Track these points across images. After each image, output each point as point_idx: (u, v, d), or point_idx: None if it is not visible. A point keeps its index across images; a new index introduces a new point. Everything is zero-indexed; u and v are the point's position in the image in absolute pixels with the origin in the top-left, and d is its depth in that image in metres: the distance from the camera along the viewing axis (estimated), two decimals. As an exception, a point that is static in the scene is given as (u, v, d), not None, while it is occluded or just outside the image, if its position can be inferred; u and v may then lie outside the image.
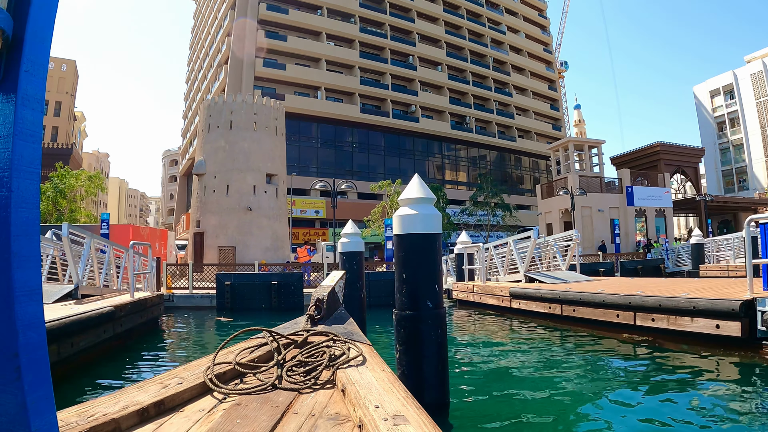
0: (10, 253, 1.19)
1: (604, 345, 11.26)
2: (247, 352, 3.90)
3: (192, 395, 3.06)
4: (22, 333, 1.21)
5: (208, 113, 34.05)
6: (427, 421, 2.37)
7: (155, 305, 14.58)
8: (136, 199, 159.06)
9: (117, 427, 2.43)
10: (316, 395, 3.08)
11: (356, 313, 10.50)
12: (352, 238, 11.04)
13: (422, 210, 5.74)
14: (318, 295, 5.03)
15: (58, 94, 74.24)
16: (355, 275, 10.79)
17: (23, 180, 1.23)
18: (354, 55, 64.45)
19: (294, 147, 56.39)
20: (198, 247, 32.51)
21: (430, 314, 5.65)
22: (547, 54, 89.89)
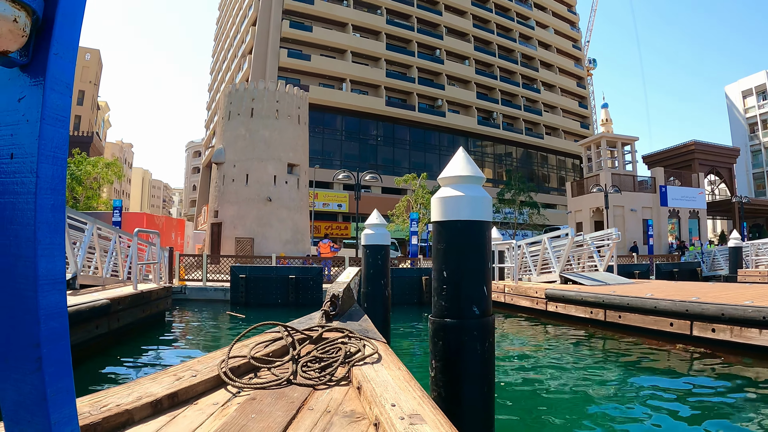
0: (35, 240, 1.15)
1: (656, 357, 10.03)
2: (261, 347, 3.82)
3: (206, 388, 3.02)
4: (44, 323, 1.17)
5: (229, 100, 32.91)
6: (444, 421, 2.31)
7: (161, 298, 13.56)
8: (159, 189, 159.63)
9: (130, 418, 2.41)
10: (331, 392, 3.03)
11: (379, 313, 9.52)
12: (377, 229, 9.87)
13: (470, 191, 4.55)
14: (333, 291, 4.96)
15: (82, 83, 73.94)
16: (380, 271, 9.66)
17: (50, 165, 1.18)
18: (380, 47, 63.44)
19: (318, 139, 55.95)
20: (215, 238, 31.43)
21: (476, 323, 4.46)
22: (576, 50, 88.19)
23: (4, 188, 1.18)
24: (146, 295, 12.09)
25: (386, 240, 9.94)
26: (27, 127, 1.17)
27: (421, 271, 20.93)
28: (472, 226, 4.51)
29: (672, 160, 49.82)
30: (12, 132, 1.19)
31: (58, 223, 1.21)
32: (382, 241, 9.88)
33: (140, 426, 2.41)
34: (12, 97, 1.19)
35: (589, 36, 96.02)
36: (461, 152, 4.84)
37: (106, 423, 2.29)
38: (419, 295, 20.12)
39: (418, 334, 13.70)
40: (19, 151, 1.18)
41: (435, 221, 4.65)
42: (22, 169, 1.17)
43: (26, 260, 1.16)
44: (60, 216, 1.21)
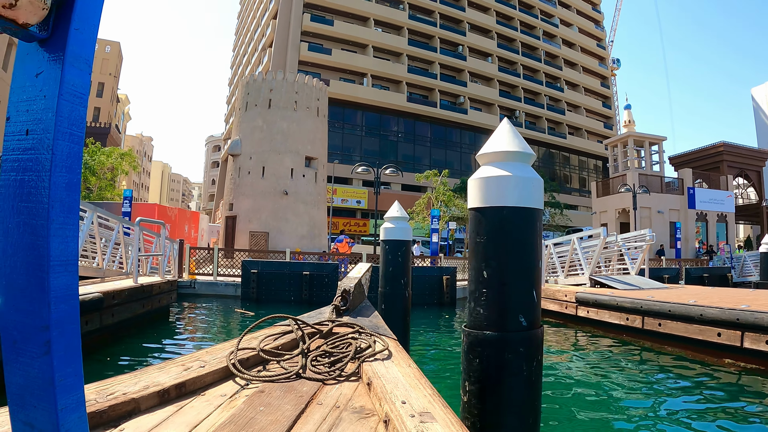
0: (47, 219, 1.12)
1: (702, 372, 9.05)
2: (271, 339, 3.79)
3: (214, 379, 2.96)
4: (55, 305, 1.13)
5: (247, 91, 32.03)
6: (454, 420, 2.24)
7: (164, 293, 12.75)
8: (178, 183, 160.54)
9: (136, 407, 2.36)
10: (341, 387, 2.96)
11: (398, 316, 8.61)
12: (398, 223, 8.95)
13: (518, 171, 3.58)
14: (345, 286, 4.85)
15: (101, 75, 74.41)
16: (400, 269, 8.78)
17: (67, 143, 1.15)
18: (402, 43, 62.82)
19: (337, 134, 55.43)
20: (230, 232, 30.52)
21: (523, 337, 3.54)
22: (600, 49, 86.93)
23: (19, 165, 1.15)
24: (147, 288, 11.32)
25: (407, 235, 9.04)
26: (44, 103, 1.13)
27: (442, 270, 19.97)
28: (520, 214, 3.56)
29: (700, 161, 48.21)
30: (28, 108, 1.14)
31: (72, 203, 1.17)
32: (403, 236, 8.99)
33: (146, 415, 2.37)
34: (29, 72, 1.15)
35: (613, 36, 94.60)
36: (506, 124, 3.85)
37: (112, 411, 2.26)
38: (439, 296, 19.17)
39: (439, 340, 12.80)
40: (35, 128, 1.14)
41: (473, 208, 3.70)
42: (38, 145, 1.13)
43: (38, 240, 1.12)
44: (75, 196, 1.17)
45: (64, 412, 1.15)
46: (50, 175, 1.11)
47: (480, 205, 3.63)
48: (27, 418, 1.17)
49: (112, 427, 2.21)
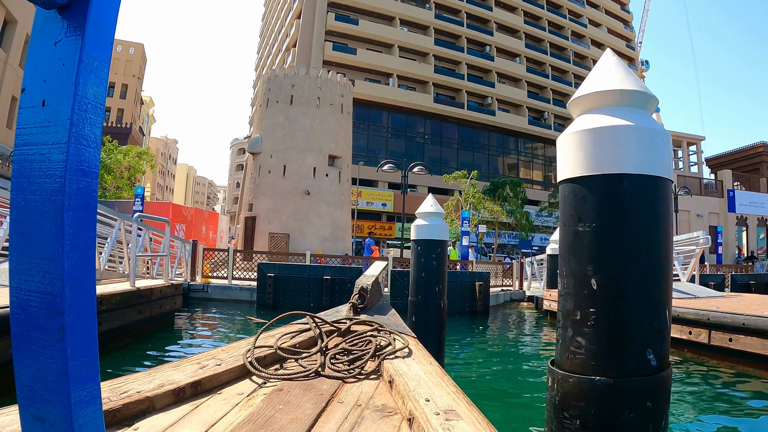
0: (63, 194, 1.05)
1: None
2: (288, 337, 3.67)
3: (230, 378, 2.86)
4: (70, 288, 1.06)
5: (268, 87, 30.80)
6: (480, 419, 2.13)
7: (167, 298, 11.51)
8: (203, 186, 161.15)
9: (151, 406, 2.29)
10: (361, 385, 2.86)
11: (432, 331, 7.50)
12: (433, 220, 7.66)
13: (639, 119, 2.29)
14: (362, 284, 4.80)
15: (125, 77, 74.44)
16: (434, 275, 7.54)
17: (86, 114, 1.08)
18: (428, 42, 61.80)
19: (362, 135, 54.80)
20: (249, 233, 29.30)
21: (651, 384, 2.23)
22: (629, 50, 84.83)
23: (34, 138, 1.09)
24: (145, 293, 10.14)
25: (443, 234, 7.75)
26: (63, 72, 1.07)
27: (474, 275, 18.45)
28: (648, 186, 2.25)
29: (738, 162, 46.25)
30: (45, 77, 1.09)
31: (92, 175, 1.11)
32: (438, 235, 7.71)
33: (161, 414, 2.29)
34: (48, 40, 1.10)
35: (641, 37, 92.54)
36: (610, 56, 2.56)
37: (125, 410, 2.18)
38: (471, 304, 17.70)
39: (475, 356, 11.45)
40: (52, 98, 1.08)
41: (570, 179, 2.38)
42: (55, 117, 1.07)
43: (53, 217, 1.06)
44: (94, 169, 1.10)
45: (78, 406, 1.08)
46: (67, 147, 1.04)
47: (580, 174, 2.31)
48: (37, 412, 1.11)
49: (126, 426, 2.15)
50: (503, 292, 21.49)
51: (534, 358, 11.00)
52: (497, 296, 20.35)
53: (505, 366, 10.34)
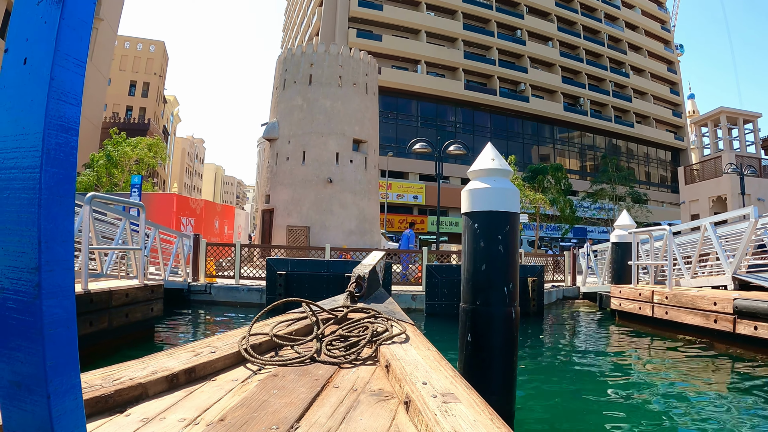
0: (42, 150, 1.10)
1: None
2: (284, 325, 3.73)
3: (225, 365, 2.90)
4: (46, 245, 1.11)
5: (284, 67, 28.04)
6: (479, 401, 2.18)
7: (137, 303, 8.80)
8: (232, 186, 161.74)
9: (144, 392, 2.32)
10: (358, 370, 2.89)
11: (498, 354, 4.91)
12: (497, 180, 4.94)
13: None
14: (359, 272, 4.76)
15: (146, 75, 73.57)
16: (500, 266, 4.94)
17: (67, 71, 1.13)
18: (457, 27, 59.35)
19: (391, 125, 52.79)
20: (266, 227, 26.59)
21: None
22: (664, 32, 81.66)
23: (14, 94, 1.12)
24: (99, 297, 7.67)
25: (512, 202, 4.96)
26: (44, 30, 1.11)
27: (526, 269, 14.96)
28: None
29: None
30: (28, 36, 1.13)
31: (71, 131, 1.15)
32: (506, 205, 4.94)
33: (154, 400, 2.31)
34: (31, 0, 1.13)
35: (675, 20, 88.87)
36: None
37: (118, 396, 2.19)
38: (523, 303, 14.39)
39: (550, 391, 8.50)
40: (34, 56, 1.12)
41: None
42: (35, 73, 1.11)
43: (31, 172, 1.10)
44: (74, 127, 1.15)
45: (52, 369, 1.11)
46: (47, 102, 1.07)
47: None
48: (13, 375, 1.12)
49: (119, 412, 2.15)
50: (554, 288, 18.54)
51: (637, 386, 8.04)
52: (549, 293, 17.48)
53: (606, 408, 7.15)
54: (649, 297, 11.99)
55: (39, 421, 1.11)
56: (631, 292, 12.87)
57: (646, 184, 70.17)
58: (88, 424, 1.92)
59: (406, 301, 15.07)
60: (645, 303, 12.14)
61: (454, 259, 18.38)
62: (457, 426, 1.90)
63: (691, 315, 10.57)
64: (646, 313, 12.07)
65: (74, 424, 1.15)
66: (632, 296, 12.76)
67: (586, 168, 66.99)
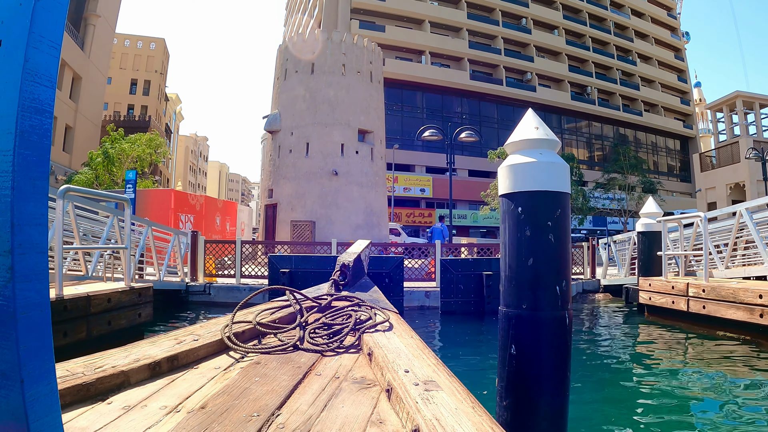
0: (14, 133, 1.08)
1: None
2: (267, 313, 3.73)
3: (208, 352, 2.92)
4: (19, 228, 1.09)
5: (285, 57, 26.89)
6: (461, 389, 2.17)
7: (122, 308, 7.83)
8: (237, 183, 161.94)
9: (126, 380, 2.32)
10: (340, 358, 2.92)
11: (548, 371, 3.87)
12: (541, 154, 3.98)
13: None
14: (344, 261, 4.87)
15: (147, 73, 72.76)
16: (550, 260, 3.89)
17: (40, 51, 1.11)
18: (461, 16, 58.54)
19: (396, 117, 51.99)
20: (270, 223, 25.53)
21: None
22: (671, 19, 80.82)
23: None
24: (75, 304, 6.76)
25: (563, 180, 3.98)
26: (19, 12, 1.08)
27: None
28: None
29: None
30: (3, 19, 1.09)
31: (45, 114, 1.13)
32: (556, 184, 3.96)
33: (137, 388, 2.31)
34: None
35: (680, 8, 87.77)
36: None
37: (99, 384, 2.19)
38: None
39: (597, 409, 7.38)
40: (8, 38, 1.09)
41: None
42: (9, 55, 1.08)
43: (4, 154, 1.08)
44: (48, 109, 1.12)
45: (26, 351, 1.10)
46: (21, 84, 1.06)
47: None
48: None
49: (100, 400, 2.13)
50: (574, 281, 17.56)
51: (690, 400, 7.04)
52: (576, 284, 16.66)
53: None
54: (684, 290, 10.99)
55: (12, 406, 1.09)
56: (663, 285, 11.86)
57: (656, 174, 69.21)
58: (69, 413, 1.96)
59: (419, 299, 14.16)
60: (679, 297, 11.13)
61: (464, 253, 17.55)
62: (438, 414, 1.88)
63: (733, 309, 9.56)
64: (680, 308, 11.06)
65: (48, 409, 1.14)
66: (664, 289, 11.75)
67: (594, 158, 66.25)
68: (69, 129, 41.50)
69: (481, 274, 13.37)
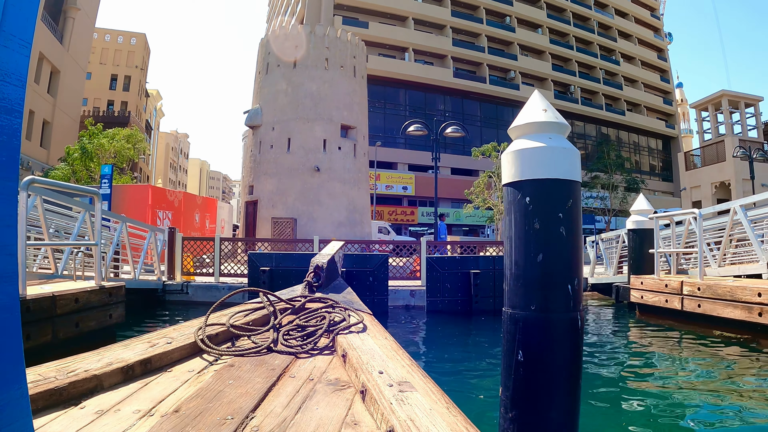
0: None
1: None
2: (241, 315, 3.73)
3: (181, 355, 2.89)
4: None
5: (267, 50, 26.35)
6: (435, 389, 2.20)
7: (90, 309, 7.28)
8: (218, 181, 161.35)
9: (99, 384, 2.29)
10: (314, 360, 2.91)
11: (558, 379, 3.44)
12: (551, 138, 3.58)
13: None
14: (317, 262, 4.85)
15: (127, 68, 71.46)
16: (561, 255, 3.47)
17: (7, 49, 1.07)
18: (445, 13, 58.24)
19: (378, 114, 51.39)
20: (251, 220, 25.00)
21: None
22: (654, 20, 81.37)
23: None
24: (38, 304, 6.25)
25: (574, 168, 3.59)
26: None
27: None
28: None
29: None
30: None
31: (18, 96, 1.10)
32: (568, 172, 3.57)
33: (110, 392, 2.29)
34: None
35: (663, 9, 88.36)
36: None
37: (72, 388, 2.16)
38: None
39: None
40: None
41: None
42: None
43: None
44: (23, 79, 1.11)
45: None
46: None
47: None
48: None
49: (73, 404, 2.11)
50: (560, 280, 17.20)
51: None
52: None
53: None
54: (678, 288, 10.66)
55: None
56: (656, 283, 11.53)
57: (638, 173, 69.47)
58: (41, 418, 1.95)
59: (405, 298, 13.72)
60: (673, 295, 10.80)
61: (449, 251, 17.17)
62: (412, 414, 1.88)
63: (730, 308, 9.23)
64: (674, 307, 10.72)
65: (19, 414, 1.11)
66: (657, 288, 11.42)
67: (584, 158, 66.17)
68: (47, 124, 40.50)
69: (469, 272, 12.94)
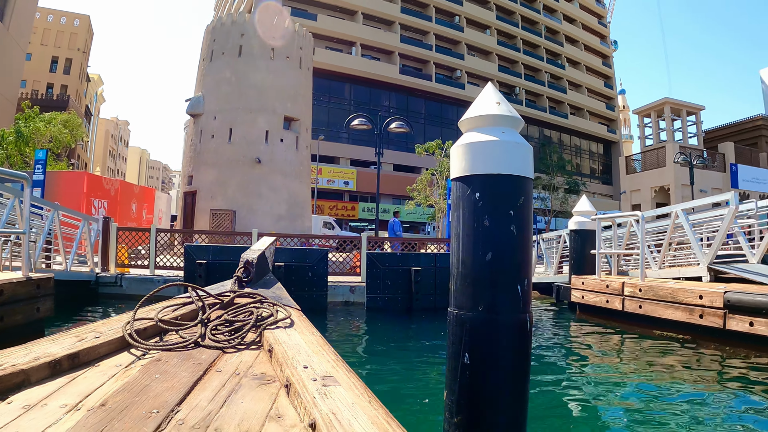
0: None
1: None
2: (170, 310, 3.66)
3: (109, 350, 2.85)
4: None
5: (212, 37, 25.64)
6: (358, 384, 2.22)
7: (15, 302, 6.76)
8: (158, 170, 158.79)
9: (26, 379, 2.26)
10: (241, 355, 2.91)
11: (505, 382, 3.50)
12: (503, 132, 3.41)
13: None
14: (247, 257, 4.81)
15: (69, 51, 69.46)
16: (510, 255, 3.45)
17: None
18: (394, 9, 58.30)
19: (323, 108, 51.09)
20: (189, 211, 24.24)
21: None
22: (601, 27, 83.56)
23: None
24: None
25: (527, 164, 3.46)
26: None
27: None
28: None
29: (737, 136, 42.86)
30: None
31: None
32: (520, 168, 3.44)
33: (37, 387, 2.26)
34: None
35: (610, 17, 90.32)
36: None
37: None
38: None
39: None
40: None
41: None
42: None
43: None
44: None
45: None
46: None
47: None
48: None
49: (0, 400, 2.08)
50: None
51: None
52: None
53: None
54: (619, 289, 10.69)
55: None
56: (597, 283, 11.55)
57: (579, 175, 70.81)
58: None
59: (344, 294, 13.45)
60: (614, 296, 10.83)
61: (388, 248, 17.03)
62: (335, 408, 1.91)
63: (671, 309, 9.29)
64: (614, 307, 10.76)
65: None
66: (598, 288, 11.45)
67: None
68: (-19, 105, 39.13)
69: (410, 269, 12.77)
